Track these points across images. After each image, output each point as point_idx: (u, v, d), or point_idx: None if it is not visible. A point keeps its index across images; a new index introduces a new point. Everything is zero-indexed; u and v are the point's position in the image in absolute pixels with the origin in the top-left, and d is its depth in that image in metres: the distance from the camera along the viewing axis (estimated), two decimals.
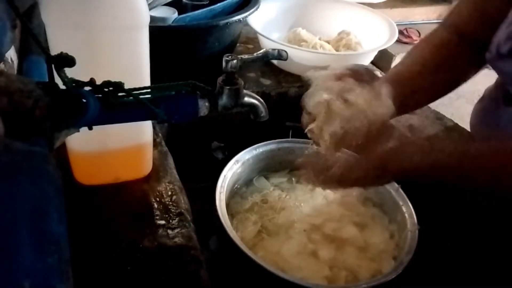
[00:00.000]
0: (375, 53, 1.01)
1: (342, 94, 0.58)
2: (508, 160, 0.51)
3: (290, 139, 0.81)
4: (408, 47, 1.29)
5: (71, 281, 0.31)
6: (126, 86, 0.44)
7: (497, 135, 0.60)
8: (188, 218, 0.60)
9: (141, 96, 0.45)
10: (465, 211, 0.68)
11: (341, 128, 0.57)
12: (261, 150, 0.77)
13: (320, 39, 1.04)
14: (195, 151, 0.90)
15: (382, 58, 1.24)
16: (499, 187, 0.53)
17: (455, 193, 0.69)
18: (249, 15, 0.90)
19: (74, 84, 0.41)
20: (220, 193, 0.66)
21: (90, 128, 0.44)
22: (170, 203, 0.62)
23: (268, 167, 0.80)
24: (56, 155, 0.61)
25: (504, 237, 0.63)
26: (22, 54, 0.67)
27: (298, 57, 0.94)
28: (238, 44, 1.03)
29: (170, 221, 0.59)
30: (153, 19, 0.83)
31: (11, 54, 0.62)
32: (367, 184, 0.64)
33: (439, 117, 0.85)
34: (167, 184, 0.64)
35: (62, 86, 0.40)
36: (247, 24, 0.97)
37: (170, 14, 0.91)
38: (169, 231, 0.57)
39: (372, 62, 1.06)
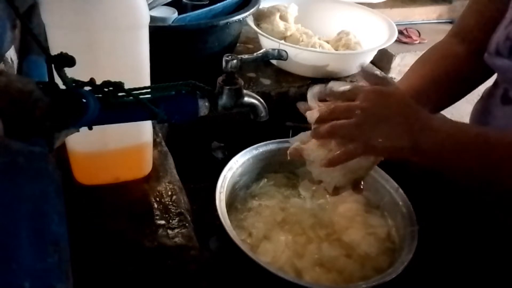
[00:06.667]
0: (375, 52, 1.01)
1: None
2: None
3: (290, 139, 0.81)
4: (408, 47, 1.31)
5: (71, 281, 0.31)
6: (126, 86, 0.44)
7: None
8: (188, 218, 0.60)
9: (141, 96, 0.45)
10: (465, 211, 0.68)
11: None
12: (261, 150, 0.77)
13: (319, 39, 1.04)
14: (195, 151, 0.90)
15: (382, 58, 1.24)
16: None
17: (454, 192, 0.69)
18: (249, 15, 0.90)
19: (74, 84, 0.41)
20: (220, 193, 0.66)
21: (90, 128, 0.44)
22: (170, 203, 0.62)
23: (268, 167, 0.79)
24: (56, 155, 0.61)
25: (504, 236, 0.63)
26: (22, 54, 0.67)
27: (298, 57, 0.94)
28: (238, 44, 1.03)
29: (170, 221, 0.59)
30: (153, 19, 0.83)
31: (11, 54, 0.62)
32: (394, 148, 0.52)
33: (439, 117, 0.85)
34: (167, 184, 0.64)
35: (62, 86, 0.40)
36: (247, 24, 0.97)
37: (170, 14, 0.92)
38: (169, 231, 0.57)
39: (372, 62, 1.06)
